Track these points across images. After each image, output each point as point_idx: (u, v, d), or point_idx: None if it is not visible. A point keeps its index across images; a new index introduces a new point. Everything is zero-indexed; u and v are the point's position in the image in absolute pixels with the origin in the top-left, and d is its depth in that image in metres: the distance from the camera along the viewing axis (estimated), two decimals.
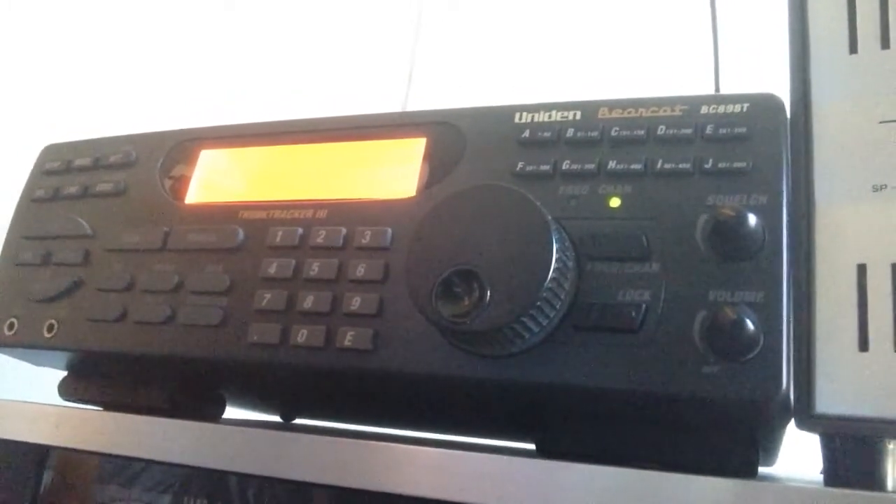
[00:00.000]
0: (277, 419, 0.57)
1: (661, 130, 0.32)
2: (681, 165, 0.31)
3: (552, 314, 0.29)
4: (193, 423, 0.34)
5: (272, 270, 0.36)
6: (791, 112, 0.31)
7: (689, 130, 0.32)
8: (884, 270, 0.27)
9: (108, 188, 0.42)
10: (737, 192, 0.30)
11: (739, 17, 0.75)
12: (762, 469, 0.36)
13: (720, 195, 0.30)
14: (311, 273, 0.35)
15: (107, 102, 0.75)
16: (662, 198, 0.31)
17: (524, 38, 0.92)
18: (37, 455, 0.37)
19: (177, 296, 0.37)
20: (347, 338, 0.33)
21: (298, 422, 0.57)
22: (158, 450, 0.34)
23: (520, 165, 0.34)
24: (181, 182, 0.41)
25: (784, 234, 0.29)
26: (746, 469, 0.31)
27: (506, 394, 0.32)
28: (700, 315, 0.29)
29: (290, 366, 0.35)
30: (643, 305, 0.30)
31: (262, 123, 0.42)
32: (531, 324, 0.29)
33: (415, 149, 0.37)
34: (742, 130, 0.31)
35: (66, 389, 0.44)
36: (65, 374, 0.45)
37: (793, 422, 0.29)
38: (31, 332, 0.40)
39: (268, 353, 0.35)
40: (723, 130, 0.31)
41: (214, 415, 0.45)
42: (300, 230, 0.36)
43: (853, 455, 0.28)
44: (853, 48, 0.30)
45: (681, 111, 0.33)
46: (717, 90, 0.67)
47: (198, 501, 0.33)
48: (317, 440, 0.31)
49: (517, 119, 0.35)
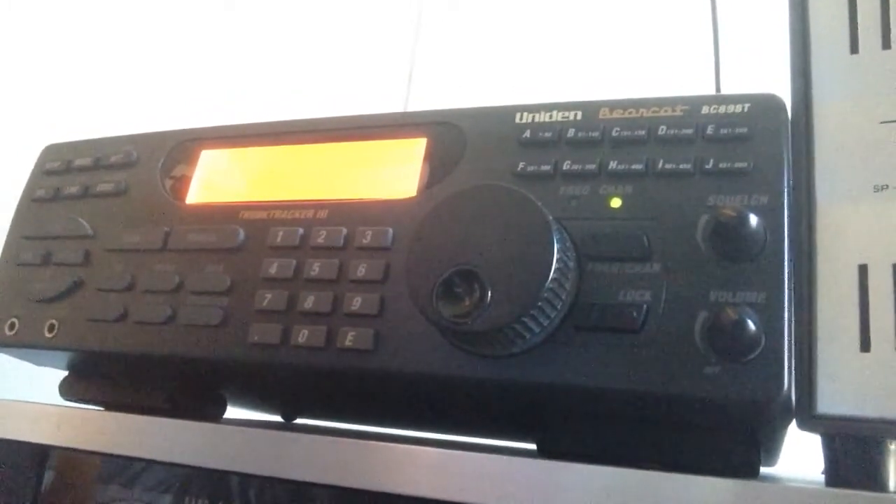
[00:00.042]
0: (278, 419, 0.57)
1: (662, 131, 0.32)
2: (682, 166, 0.31)
3: (553, 314, 0.29)
4: (194, 423, 0.34)
5: (273, 270, 0.36)
6: (792, 112, 0.31)
7: (690, 131, 0.32)
8: (885, 271, 0.27)
9: (109, 188, 0.42)
10: (738, 193, 0.30)
11: (740, 18, 0.74)
12: (763, 469, 0.35)
13: (721, 195, 0.30)
14: (312, 273, 0.35)
15: (107, 102, 0.75)
16: (663, 198, 0.31)
17: (525, 38, 0.92)
18: (38, 455, 0.37)
19: (177, 296, 0.37)
20: (348, 338, 0.33)
21: (299, 422, 0.57)
22: (159, 450, 0.34)
23: (521, 165, 0.34)
24: (182, 182, 0.41)
25: (785, 235, 0.29)
26: (748, 469, 0.31)
27: (506, 394, 0.32)
28: (701, 315, 0.29)
29: (291, 366, 0.34)
30: (644, 306, 0.29)
31: (263, 123, 0.42)
32: (532, 324, 0.29)
33: (415, 149, 0.37)
34: (743, 131, 0.31)
35: (67, 389, 0.44)
36: (65, 374, 0.45)
37: (794, 422, 0.29)
38: (32, 332, 0.40)
39: (268, 354, 0.35)
40: (724, 131, 0.31)
41: (215, 415, 0.45)
42: (301, 230, 0.36)
43: (854, 455, 0.28)
44: (854, 48, 0.30)
45: (682, 111, 0.33)
46: (718, 90, 0.67)
47: (199, 501, 0.33)
48: (317, 440, 0.31)
49: (518, 119, 0.35)
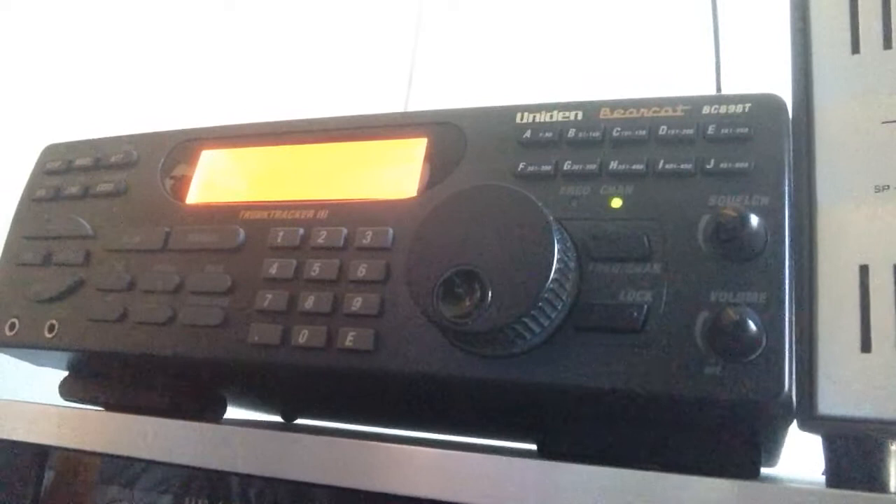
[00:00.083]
0: (279, 419, 0.57)
1: (663, 131, 0.32)
2: (682, 166, 0.31)
3: (554, 315, 0.29)
4: (194, 424, 0.34)
5: (273, 271, 0.36)
6: (793, 112, 0.31)
7: (691, 131, 0.32)
8: (886, 271, 0.27)
9: (109, 188, 0.42)
10: (738, 193, 0.30)
11: (741, 18, 0.74)
12: (764, 470, 0.35)
13: (722, 196, 0.30)
14: (312, 273, 0.35)
15: (108, 102, 0.75)
16: (664, 198, 0.31)
17: (525, 38, 0.92)
18: (38, 455, 0.37)
19: (178, 296, 0.37)
20: (348, 338, 0.33)
21: (300, 422, 0.57)
22: (159, 450, 0.34)
23: (521, 166, 0.34)
24: (182, 182, 0.41)
25: (786, 235, 0.29)
26: (748, 470, 0.31)
27: (507, 394, 0.32)
28: (702, 316, 0.29)
29: (291, 366, 0.34)
30: (645, 306, 0.29)
31: (263, 123, 0.42)
32: (532, 324, 0.29)
33: (416, 149, 0.37)
34: (744, 131, 0.31)
35: (67, 390, 0.44)
36: (66, 375, 0.45)
37: (795, 423, 0.29)
38: (32, 333, 0.40)
39: (269, 354, 0.35)
40: (724, 131, 0.31)
41: (215, 415, 0.45)
42: (301, 230, 0.36)
43: (855, 456, 0.28)
44: (855, 48, 0.30)
45: (682, 111, 0.33)
46: (719, 90, 0.67)
47: (199, 502, 0.33)
48: (318, 441, 0.31)
49: (518, 119, 0.35)
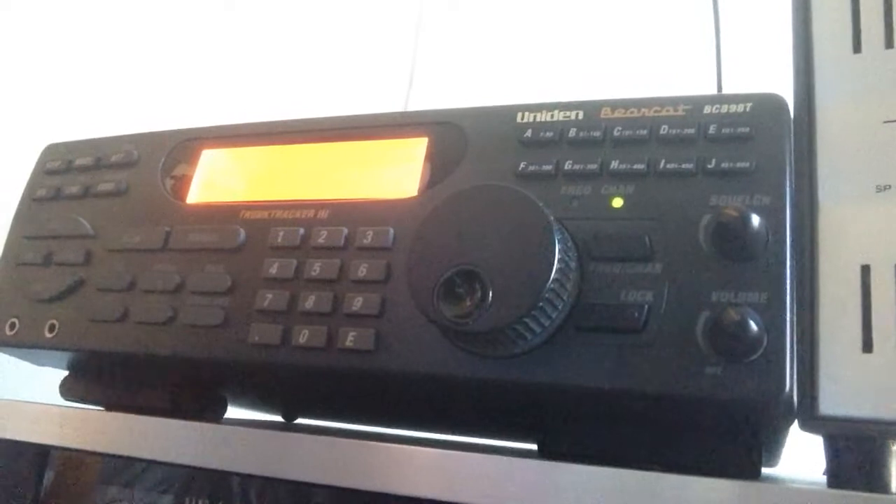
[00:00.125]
0: (279, 419, 0.57)
1: (664, 130, 0.32)
2: (683, 165, 0.31)
3: (554, 315, 0.29)
4: (195, 424, 0.34)
5: (273, 270, 0.36)
6: (794, 112, 0.31)
7: (692, 130, 0.32)
8: (887, 271, 0.27)
9: (110, 188, 0.42)
10: (740, 193, 0.30)
11: (742, 17, 0.74)
12: (765, 470, 0.35)
13: (723, 195, 0.30)
14: (313, 273, 0.35)
15: (108, 102, 0.75)
16: (665, 198, 0.31)
17: (526, 38, 0.92)
18: (38, 455, 0.37)
19: (178, 296, 0.37)
20: (349, 338, 0.33)
21: (300, 422, 0.57)
22: (160, 450, 0.34)
23: (522, 165, 0.34)
24: (182, 182, 0.41)
25: (787, 235, 0.29)
26: (749, 470, 0.30)
27: (508, 394, 0.32)
28: (703, 316, 0.29)
29: (292, 366, 0.34)
30: (646, 306, 0.29)
31: (264, 123, 0.42)
32: (533, 324, 0.29)
33: (416, 149, 0.37)
34: (745, 130, 0.31)
35: (68, 389, 0.44)
36: (66, 375, 0.45)
37: (796, 423, 0.29)
38: (33, 332, 0.40)
39: (269, 354, 0.35)
40: (726, 130, 0.31)
41: (216, 415, 0.45)
42: (302, 230, 0.36)
43: (857, 457, 0.28)
44: (857, 47, 0.30)
45: (683, 111, 0.33)
46: (720, 90, 0.67)
47: (199, 502, 0.33)
48: (318, 440, 0.31)
49: (519, 119, 0.35)
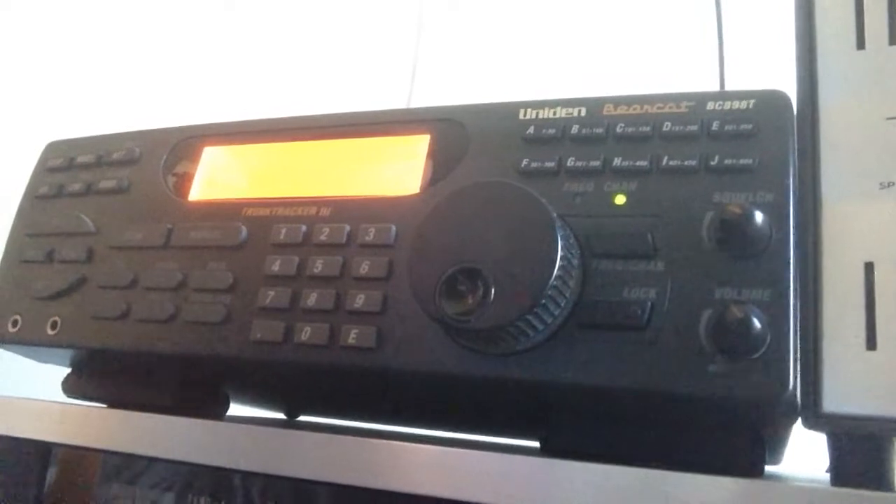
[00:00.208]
0: (281, 416, 0.57)
1: (667, 127, 0.32)
2: (686, 162, 0.31)
3: (557, 312, 0.29)
4: (197, 421, 0.34)
5: (276, 268, 0.36)
6: (798, 108, 0.31)
7: (695, 127, 0.32)
8: (891, 268, 0.27)
9: (112, 185, 0.42)
10: (743, 190, 0.30)
11: (745, 13, 0.74)
12: (768, 468, 0.35)
13: (726, 192, 0.30)
14: (315, 270, 0.35)
15: (110, 100, 0.75)
16: (668, 195, 0.31)
17: (528, 35, 0.92)
18: (41, 452, 0.37)
19: (180, 293, 0.37)
20: (351, 335, 0.33)
21: (303, 419, 0.57)
22: (162, 447, 0.34)
23: (524, 162, 0.34)
24: (184, 179, 0.41)
25: (791, 232, 0.29)
26: (752, 468, 0.30)
27: (510, 392, 0.32)
28: (706, 313, 0.28)
29: (294, 363, 0.34)
30: (649, 303, 0.29)
31: (266, 120, 0.42)
32: (535, 322, 0.29)
33: (419, 145, 0.37)
34: (748, 127, 0.31)
35: (70, 386, 0.44)
36: (68, 372, 0.45)
37: (799, 421, 0.29)
38: (35, 330, 0.40)
39: (271, 351, 0.35)
40: (729, 127, 0.31)
41: (218, 412, 0.45)
42: (304, 227, 0.36)
43: (860, 454, 0.28)
44: (861, 44, 0.30)
45: (686, 108, 0.32)
46: (723, 87, 0.66)
47: (201, 499, 0.33)
48: (320, 438, 0.31)
49: (522, 116, 0.35)
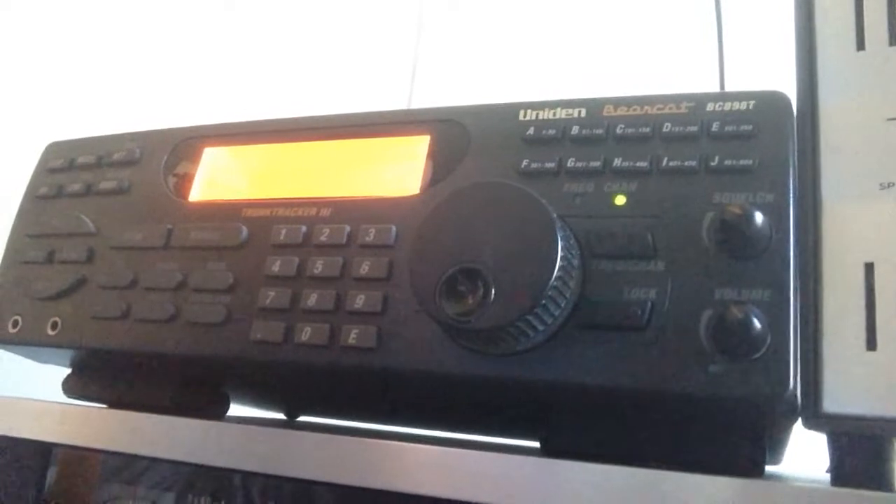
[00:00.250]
0: (281, 416, 0.57)
1: (667, 128, 0.32)
2: (686, 163, 0.31)
3: (557, 312, 0.29)
4: (197, 421, 0.34)
5: (276, 268, 0.36)
6: (797, 109, 0.31)
7: (695, 128, 0.32)
8: (891, 269, 0.27)
9: (112, 186, 0.42)
10: (743, 190, 0.30)
11: (745, 14, 0.74)
12: (768, 468, 0.35)
13: (726, 193, 0.30)
14: (315, 271, 0.35)
15: (110, 101, 0.75)
16: (668, 196, 0.31)
17: (528, 36, 0.92)
18: (41, 452, 0.37)
19: (180, 293, 0.37)
20: (351, 336, 0.33)
21: (303, 419, 0.57)
22: (162, 447, 0.34)
23: (524, 163, 0.34)
24: (185, 180, 0.41)
25: (791, 233, 0.29)
26: (753, 468, 0.30)
27: (510, 392, 0.32)
28: (706, 313, 0.29)
29: (294, 364, 0.34)
30: (649, 304, 0.29)
31: (266, 121, 0.42)
32: (536, 322, 0.29)
33: (419, 146, 0.37)
34: (748, 128, 0.31)
35: (70, 387, 0.44)
36: (69, 372, 0.45)
37: (800, 421, 0.29)
38: (35, 330, 0.40)
39: (271, 351, 0.35)
40: (729, 128, 0.31)
41: (218, 412, 0.45)
42: (304, 228, 0.36)
43: (861, 454, 0.28)
44: (861, 45, 0.30)
45: (686, 109, 0.33)
46: (723, 87, 0.66)
47: (201, 499, 0.33)
48: (320, 438, 0.31)
49: (522, 116, 0.35)
